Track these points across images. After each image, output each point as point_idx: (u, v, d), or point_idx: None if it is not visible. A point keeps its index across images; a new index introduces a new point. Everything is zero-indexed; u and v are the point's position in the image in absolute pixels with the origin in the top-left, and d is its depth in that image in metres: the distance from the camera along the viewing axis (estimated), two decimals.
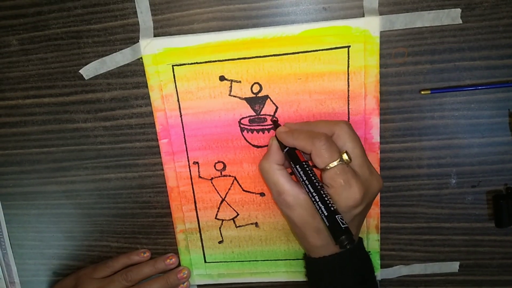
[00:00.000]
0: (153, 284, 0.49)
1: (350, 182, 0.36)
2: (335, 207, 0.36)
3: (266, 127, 0.45)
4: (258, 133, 0.45)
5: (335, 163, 0.36)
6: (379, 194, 0.46)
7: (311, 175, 0.38)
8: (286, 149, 0.40)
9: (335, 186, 0.37)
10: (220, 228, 0.49)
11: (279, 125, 0.42)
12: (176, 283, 0.50)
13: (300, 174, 0.38)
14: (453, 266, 0.48)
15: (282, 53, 0.42)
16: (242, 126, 0.45)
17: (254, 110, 0.44)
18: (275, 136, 0.41)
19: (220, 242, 0.50)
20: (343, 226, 0.35)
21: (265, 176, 0.41)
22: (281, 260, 0.50)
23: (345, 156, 0.37)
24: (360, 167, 0.38)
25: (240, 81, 0.43)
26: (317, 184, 0.37)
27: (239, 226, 0.49)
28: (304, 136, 0.38)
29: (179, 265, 0.51)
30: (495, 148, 0.44)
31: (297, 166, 0.39)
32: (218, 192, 0.48)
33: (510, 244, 0.47)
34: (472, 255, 0.48)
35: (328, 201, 0.36)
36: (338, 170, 0.36)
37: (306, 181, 0.38)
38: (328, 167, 0.36)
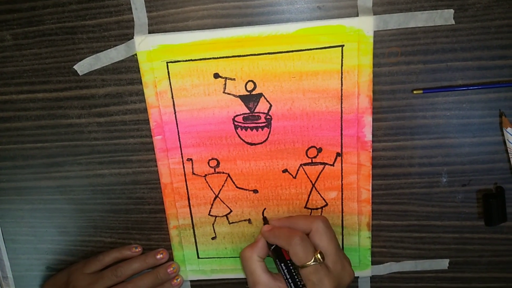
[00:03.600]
0: (143, 279, 0.49)
1: (323, 281, 0.39)
2: None
3: (260, 124, 0.45)
4: (252, 130, 0.45)
5: (310, 262, 0.40)
6: (370, 193, 0.46)
7: (294, 274, 0.41)
8: (273, 247, 0.43)
9: (309, 285, 0.40)
10: (213, 224, 0.50)
11: (267, 222, 0.46)
12: (166, 278, 0.50)
13: (284, 273, 0.41)
14: (443, 264, 0.49)
15: (276, 51, 0.42)
16: (236, 123, 0.45)
17: (248, 108, 0.45)
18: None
19: (213, 238, 0.51)
20: None
21: (244, 263, 0.44)
22: None
23: (318, 256, 0.40)
24: (333, 263, 0.41)
25: (234, 79, 0.44)
26: (299, 283, 0.40)
27: (232, 222, 0.50)
28: (283, 235, 0.42)
29: (169, 260, 0.51)
30: (486, 148, 0.44)
31: (282, 264, 0.42)
32: (211, 189, 0.48)
33: (499, 242, 0.48)
34: (461, 253, 0.49)
35: None
36: (312, 270, 0.39)
37: (290, 280, 0.41)
38: (304, 265, 0.40)
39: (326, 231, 0.41)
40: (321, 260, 0.40)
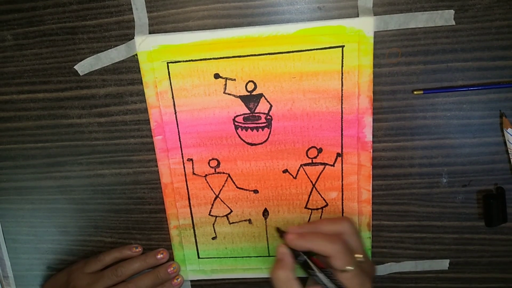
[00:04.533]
0: (144, 279, 0.49)
1: (365, 283, 0.39)
2: None
3: (260, 125, 0.45)
4: (252, 131, 0.45)
5: (352, 266, 0.38)
6: (370, 193, 0.46)
7: (335, 280, 0.38)
8: (300, 257, 0.40)
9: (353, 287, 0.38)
10: (213, 224, 0.50)
11: (284, 232, 0.41)
12: (167, 277, 0.50)
13: (324, 281, 0.39)
14: (443, 264, 0.49)
15: (276, 51, 0.42)
16: (236, 123, 0.45)
17: (249, 108, 0.45)
18: (284, 244, 0.40)
19: (213, 238, 0.51)
20: None
21: (281, 286, 0.39)
22: (274, 256, 0.51)
23: (359, 257, 0.39)
24: (365, 263, 0.40)
25: (234, 79, 0.44)
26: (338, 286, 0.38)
27: (233, 222, 0.50)
28: (321, 240, 0.39)
29: (169, 260, 0.52)
30: (486, 148, 0.44)
31: (320, 274, 0.39)
32: (212, 189, 0.48)
33: (499, 243, 0.48)
34: (462, 253, 0.49)
35: None
36: (355, 273, 0.38)
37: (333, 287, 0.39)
38: (345, 270, 0.38)
39: (355, 231, 0.40)
40: (362, 259, 0.39)
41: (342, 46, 0.41)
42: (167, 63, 0.44)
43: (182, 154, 0.47)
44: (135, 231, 0.52)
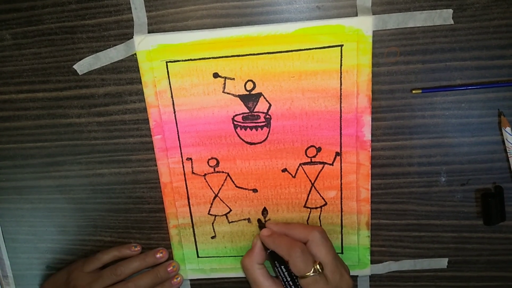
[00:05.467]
0: (143, 278, 0.49)
1: None
2: None
3: (259, 124, 0.45)
4: (251, 130, 0.45)
5: (309, 273, 0.40)
6: (369, 192, 0.46)
7: (294, 276, 0.42)
8: (269, 250, 0.44)
9: None
10: (213, 223, 0.50)
11: (264, 226, 0.46)
12: (166, 277, 0.50)
13: (284, 275, 0.42)
14: (442, 263, 0.49)
15: (275, 51, 0.42)
16: (235, 123, 0.45)
17: (248, 107, 0.45)
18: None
19: (212, 237, 0.51)
20: None
21: (245, 272, 0.45)
22: None
23: (317, 267, 0.41)
24: (332, 273, 0.41)
25: (234, 78, 0.44)
26: (298, 285, 0.41)
27: (232, 221, 0.50)
28: (284, 245, 0.42)
29: (169, 259, 0.52)
30: (485, 147, 0.45)
31: (282, 267, 0.42)
32: (211, 188, 0.48)
33: (497, 241, 0.48)
34: (460, 252, 0.49)
35: None
36: (311, 280, 0.40)
37: (290, 282, 0.42)
38: (304, 276, 0.41)
39: (323, 241, 0.42)
40: (320, 271, 0.41)
41: (341, 45, 0.41)
42: (166, 62, 0.44)
43: (181, 153, 0.47)
44: (134, 230, 0.52)
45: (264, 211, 0.49)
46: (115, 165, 0.49)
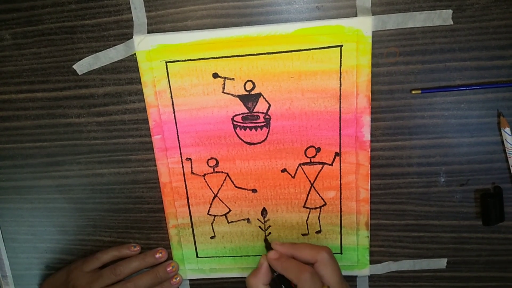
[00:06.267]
0: (142, 278, 0.49)
1: None
2: None
3: (259, 124, 0.45)
4: (251, 130, 0.45)
5: None
6: (368, 192, 0.47)
7: None
8: (276, 273, 0.44)
9: None
10: (212, 223, 0.50)
11: (270, 246, 0.45)
12: (166, 277, 0.50)
13: None
14: (441, 263, 0.49)
15: (275, 51, 0.42)
16: (235, 123, 0.45)
17: (247, 108, 0.45)
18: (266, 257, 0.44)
19: (212, 238, 0.51)
20: None
21: None
22: None
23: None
24: None
25: (233, 79, 0.44)
26: None
27: (231, 221, 0.50)
28: (293, 269, 0.42)
29: (168, 259, 0.52)
30: (484, 148, 0.45)
31: None
32: (210, 188, 0.48)
33: (496, 242, 0.48)
34: (459, 252, 0.49)
35: None
36: None
37: None
38: None
39: (331, 262, 0.42)
40: None
41: (341, 46, 0.42)
42: (166, 62, 0.44)
43: (180, 153, 0.47)
44: (133, 230, 0.52)
45: (264, 211, 0.49)
46: (114, 165, 0.49)
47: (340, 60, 0.42)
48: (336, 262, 0.43)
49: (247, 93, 0.44)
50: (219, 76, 0.44)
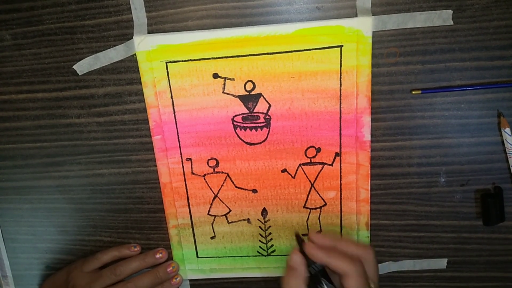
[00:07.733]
0: (143, 278, 0.49)
1: None
2: None
3: (259, 124, 0.45)
4: (251, 130, 0.45)
5: None
6: (369, 192, 0.47)
7: None
8: (313, 267, 0.40)
9: None
10: (212, 224, 0.50)
11: (303, 240, 0.41)
12: (166, 277, 0.50)
13: None
14: (441, 263, 0.49)
15: (275, 51, 0.42)
16: (235, 123, 0.45)
17: (247, 108, 0.45)
18: (299, 251, 0.40)
19: (212, 238, 0.51)
20: None
21: None
22: (272, 256, 0.51)
23: (372, 286, 0.39)
24: None
25: (233, 79, 0.44)
26: None
27: (231, 222, 0.50)
28: (343, 258, 0.38)
29: (168, 259, 0.52)
30: (484, 148, 0.45)
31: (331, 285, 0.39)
32: (210, 189, 0.48)
33: (497, 242, 0.48)
34: (460, 252, 0.49)
35: None
36: None
37: None
38: None
39: (376, 262, 0.41)
40: None
41: (341, 46, 0.41)
42: (166, 62, 0.44)
43: (181, 153, 0.47)
44: (134, 230, 0.52)
45: (264, 212, 0.49)
46: (114, 165, 0.49)
47: (340, 61, 0.42)
48: (377, 261, 0.41)
49: (247, 93, 0.44)
50: (219, 77, 0.44)
